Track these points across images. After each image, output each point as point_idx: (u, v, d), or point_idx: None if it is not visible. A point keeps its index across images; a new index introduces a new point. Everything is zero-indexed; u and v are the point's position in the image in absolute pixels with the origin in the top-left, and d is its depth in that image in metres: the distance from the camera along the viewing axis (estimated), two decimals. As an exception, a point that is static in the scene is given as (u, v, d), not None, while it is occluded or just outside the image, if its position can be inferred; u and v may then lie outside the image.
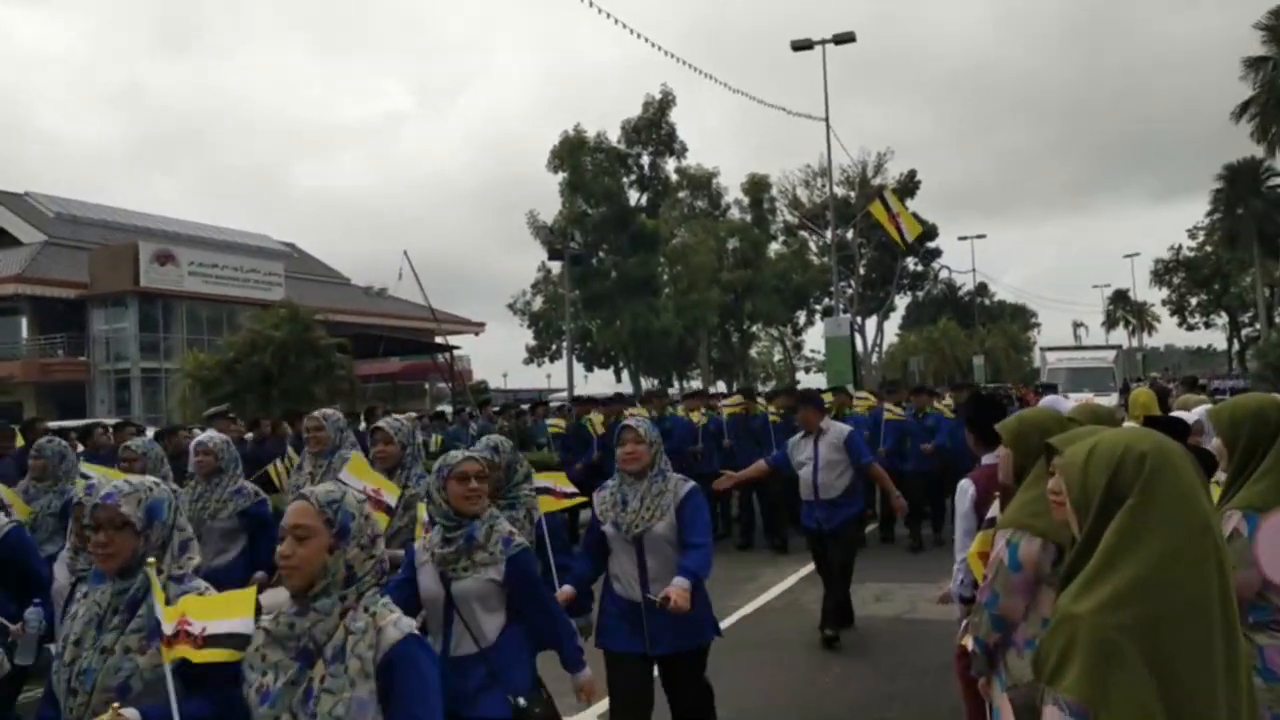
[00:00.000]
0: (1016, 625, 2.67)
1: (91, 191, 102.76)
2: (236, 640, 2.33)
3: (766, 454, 10.94)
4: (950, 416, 11.30)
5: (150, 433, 12.83)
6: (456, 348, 39.80)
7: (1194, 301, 61.77)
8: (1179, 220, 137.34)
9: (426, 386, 44.04)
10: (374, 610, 2.19)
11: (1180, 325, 63.41)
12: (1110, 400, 19.63)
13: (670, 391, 35.74)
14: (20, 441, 9.24)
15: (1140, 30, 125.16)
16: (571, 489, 4.60)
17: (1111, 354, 29.77)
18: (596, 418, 12.26)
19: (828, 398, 11.12)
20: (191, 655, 2.30)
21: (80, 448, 9.77)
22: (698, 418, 11.75)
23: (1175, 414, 4.39)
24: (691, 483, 4.13)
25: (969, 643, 2.90)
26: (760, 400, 12.81)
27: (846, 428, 7.18)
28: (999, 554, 2.71)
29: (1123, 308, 73.08)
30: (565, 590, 3.96)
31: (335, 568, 2.19)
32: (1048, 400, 10.23)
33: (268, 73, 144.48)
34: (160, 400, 34.60)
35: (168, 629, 2.30)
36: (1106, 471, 1.65)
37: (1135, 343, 71.62)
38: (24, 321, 37.90)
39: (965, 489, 3.77)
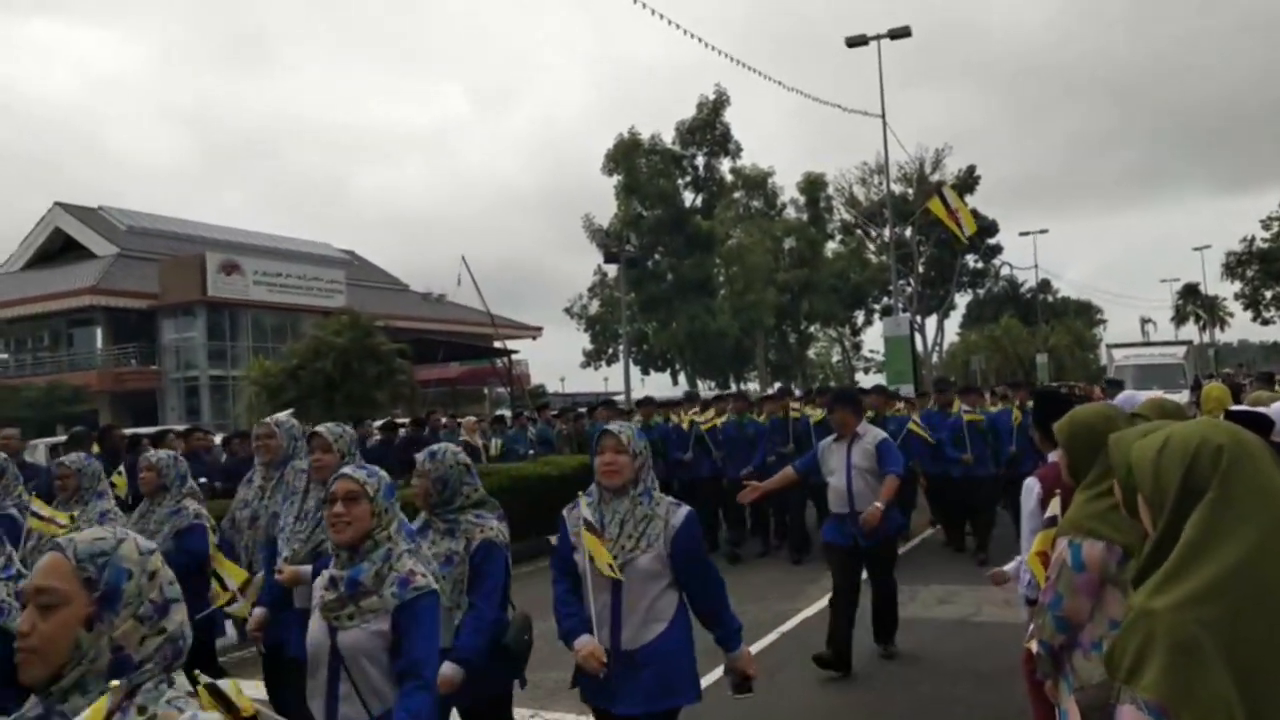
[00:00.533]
0: (1082, 626, 2.62)
1: (161, 204, 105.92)
2: None
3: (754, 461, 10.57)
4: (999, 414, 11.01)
5: (219, 438, 13.19)
6: (515, 352, 40.12)
7: (1269, 295, 59.71)
8: (1252, 210, 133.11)
9: (485, 391, 44.49)
10: (153, 713, 1.53)
11: (1255, 320, 61.37)
12: (1181, 398, 19.09)
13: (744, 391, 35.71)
14: (96, 449, 9.54)
15: (1209, 7, 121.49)
16: None
17: (1181, 350, 28.89)
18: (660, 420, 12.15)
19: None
20: None
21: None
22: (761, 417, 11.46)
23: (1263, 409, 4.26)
24: (685, 508, 3.36)
25: (1034, 645, 2.85)
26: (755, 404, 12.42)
27: (880, 433, 6.58)
28: (1061, 554, 2.66)
29: (1193, 302, 71.07)
30: (445, 671, 3.16)
31: (92, 649, 1.54)
32: (1122, 397, 9.99)
33: (329, 84, 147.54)
34: (228, 407, 35.46)
35: None
36: (1181, 464, 1.60)
37: (1206, 338, 69.59)
38: (99, 332, 39.11)
39: (1031, 487, 3.71)
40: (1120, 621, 2.58)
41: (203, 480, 9.88)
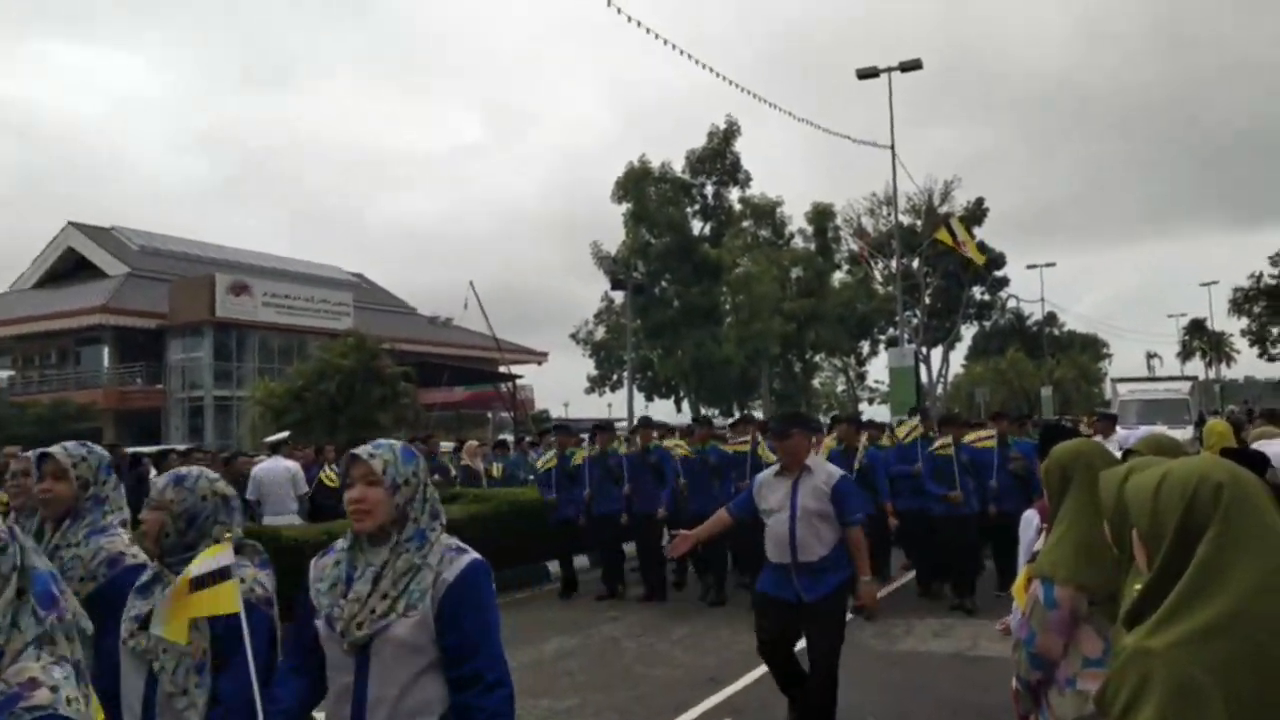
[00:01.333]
0: (1056, 664, 2.62)
1: (174, 226, 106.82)
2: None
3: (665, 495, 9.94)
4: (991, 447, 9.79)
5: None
6: (519, 377, 40.22)
7: (1276, 331, 59.67)
8: (1260, 246, 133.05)
9: (489, 415, 44.52)
10: None
11: (1261, 356, 61.29)
12: (1186, 433, 19.00)
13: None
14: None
15: (1217, 47, 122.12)
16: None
17: (1186, 385, 28.76)
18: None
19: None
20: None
21: (154, 471, 10.12)
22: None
23: (1254, 446, 4.25)
24: (469, 556, 2.43)
25: (1014, 682, 2.85)
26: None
27: (838, 471, 5.45)
28: (1034, 592, 2.67)
29: (1199, 338, 70.96)
30: None
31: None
32: (1121, 434, 9.89)
33: (344, 107, 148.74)
34: (232, 427, 35.54)
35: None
36: (1181, 502, 1.57)
37: (1212, 374, 69.43)
38: (106, 350, 39.31)
39: (1030, 519, 3.71)
40: (1094, 659, 2.58)
41: (202, 500, 9.94)
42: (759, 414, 43.27)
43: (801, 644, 5.34)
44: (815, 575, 5.16)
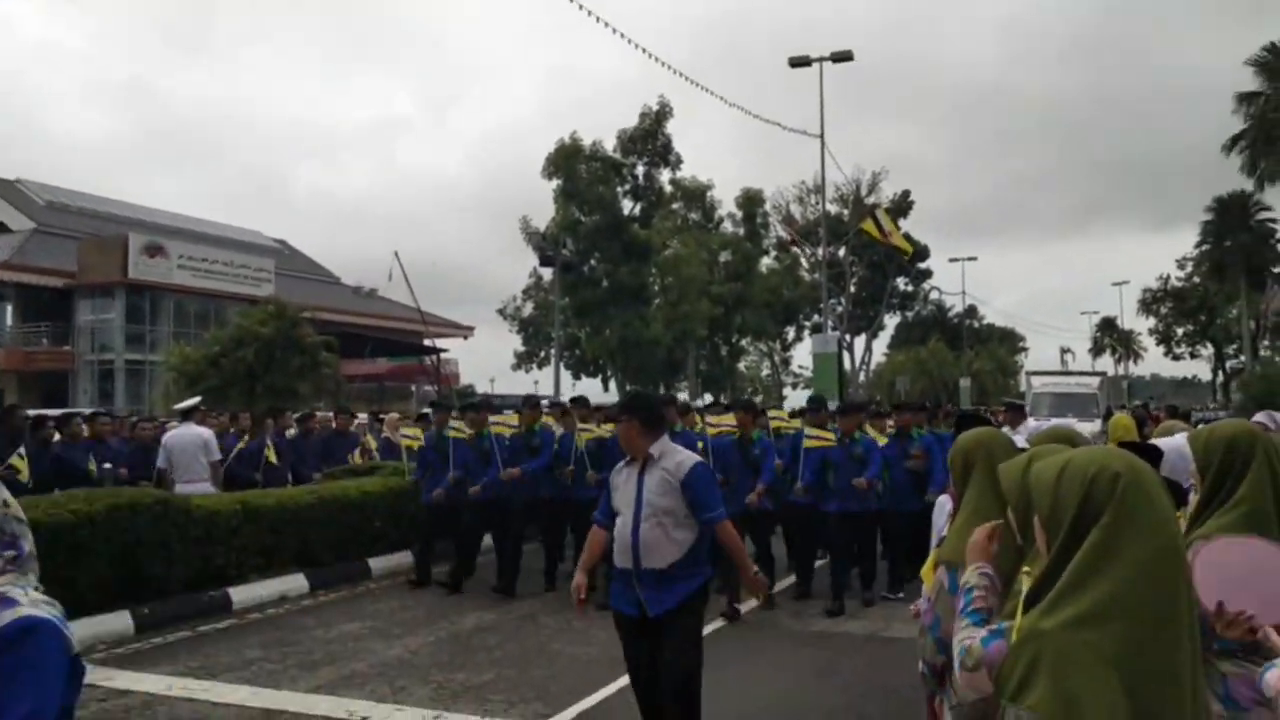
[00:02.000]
0: None
1: (85, 181, 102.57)
2: None
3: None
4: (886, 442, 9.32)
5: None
6: (444, 350, 39.78)
7: (1180, 332, 62.21)
8: (1171, 250, 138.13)
9: (413, 389, 43.95)
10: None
11: (1166, 355, 63.96)
12: (1093, 426, 19.68)
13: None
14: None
15: (1141, 59, 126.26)
16: None
17: (1096, 380, 29.83)
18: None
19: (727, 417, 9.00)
20: None
21: (57, 436, 9.73)
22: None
23: (1154, 440, 4.40)
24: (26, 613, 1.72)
25: (920, 664, 2.91)
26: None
27: (692, 458, 4.49)
28: (940, 578, 2.72)
29: (1110, 335, 73.49)
30: None
31: None
32: (1026, 427, 10.15)
33: (271, 74, 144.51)
34: (144, 392, 34.45)
35: None
36: (1080, 489, 1.64)
37: (1121, 370, 72.03)
38: (9, 309, 37.71)
39: (943, 505, 3.77)
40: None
41: (107, 466, 9.58)
42: (683, 395, 43.56)
43: None
44: (661, 585, 4.29)
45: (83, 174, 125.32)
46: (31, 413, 11.05)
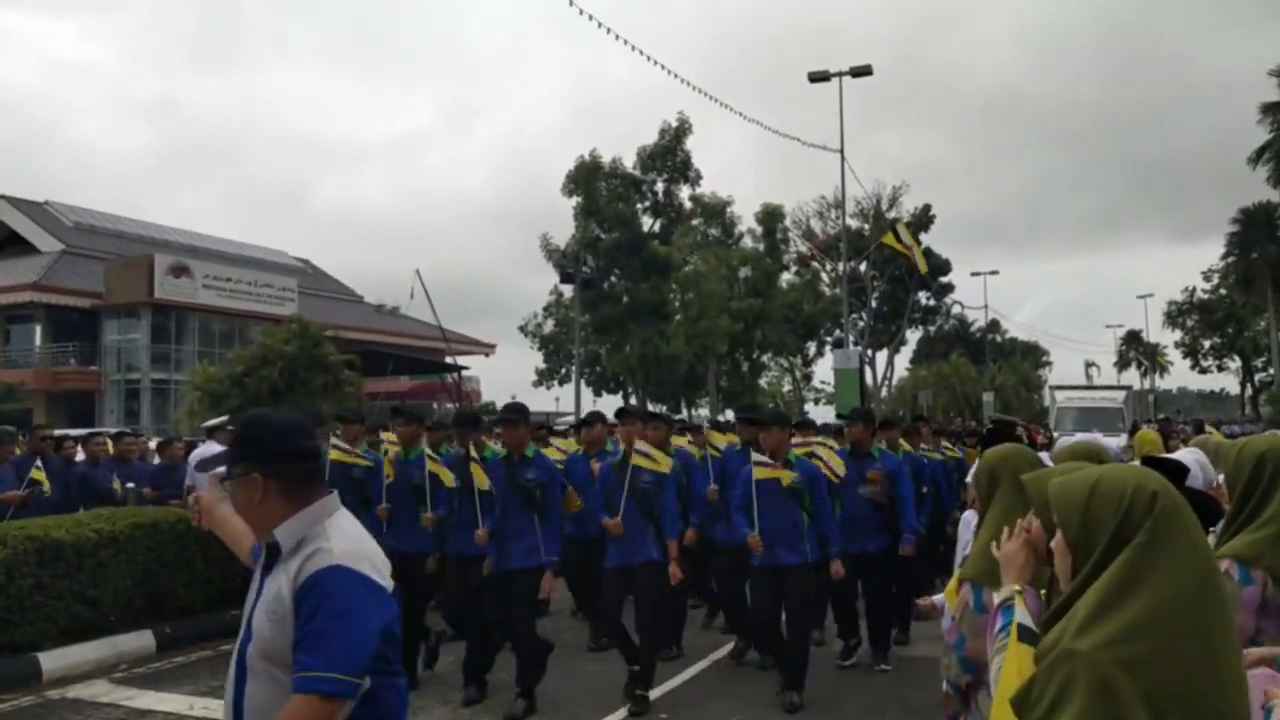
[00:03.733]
0: (986, 667, 2.63)
1: (116, 203, 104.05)
2: None
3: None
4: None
5: (154, 443, 12.90)
6: (465, 368, 39.88)
7: (1207, 344, 61.48)
8: (1197, 260, 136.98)
9: (435, 406, 44.09)
10: None
11: (1193, 368, 63.15)
12: (1119, 440, 19.47)
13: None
14: (20, 449, 9.27)
15: (1167, 67, 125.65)
16: None
17: (1121, 394, 29.52)
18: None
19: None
20: None
21: (80, 455, 9.81)
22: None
23: (1179, 454, 4.34)
24: None
25: (944, 684, 2.86)
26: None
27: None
28: (965, 597, 2.68)
29: (1135, 349, 72.80)
30: None
31: None
32: (1060, 442, 9.97)
33: (296, 90, 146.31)
34: (169, 411, 34.73)
35: None
36: (1118, 509, 1.60)
37: (1147, 384, 71.27)
38: (38, 329, 38.16)
39: (969, 520, 3.73)
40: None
41: (130, 485, 9.65)
42: (705, 411, 43.48)
43: None
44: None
45: (110, 191, 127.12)
46: (56, 433, 11.17)
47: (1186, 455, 3.61)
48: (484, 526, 6.10)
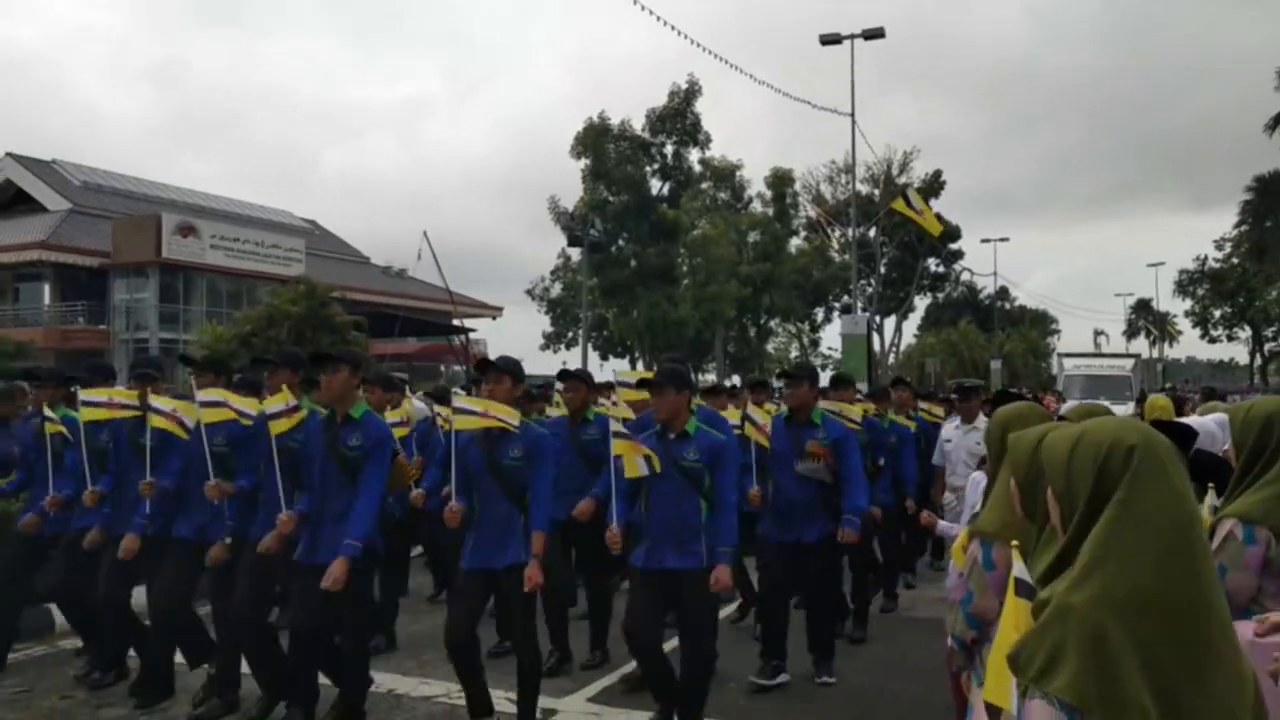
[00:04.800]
0: (992, 623, 2.65)
1: (120, 163, 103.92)
2: None
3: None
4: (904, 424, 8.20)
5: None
6: (473, 330, 39.92)
7: (1217, 314, 61.15)
8: (1208, 230, 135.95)
9: (442, 368, 44.18)
10: None
11: (1202, 337, 62.83)
12: (1127, 409, 19.45)
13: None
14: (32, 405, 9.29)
15: (1179, 35, 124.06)
16: None
17: (1129, 362, 29.44)
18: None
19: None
20: None
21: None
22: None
23: (1191, 419, 4.33)
24: None
25: (949, 640, 2.89)
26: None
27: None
28: (973, 553, 2.69)
29: (1145, 317, 72.49)
30: None
31: None
32: (1066, 406, 9.91)
33: (302, 54, 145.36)
34: (177, 372, 34.88)
35: None
36: (1094, 463, 1.62)
37: (1156, 353, 71.03)
38: (46, 288, 38.24)
39: (978, 481, 3.76)
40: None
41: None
42: (712, 376, 43.48)
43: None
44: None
45: (117, 154, 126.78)
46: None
47: (1211, 419, 3.60)
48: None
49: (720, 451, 4.78)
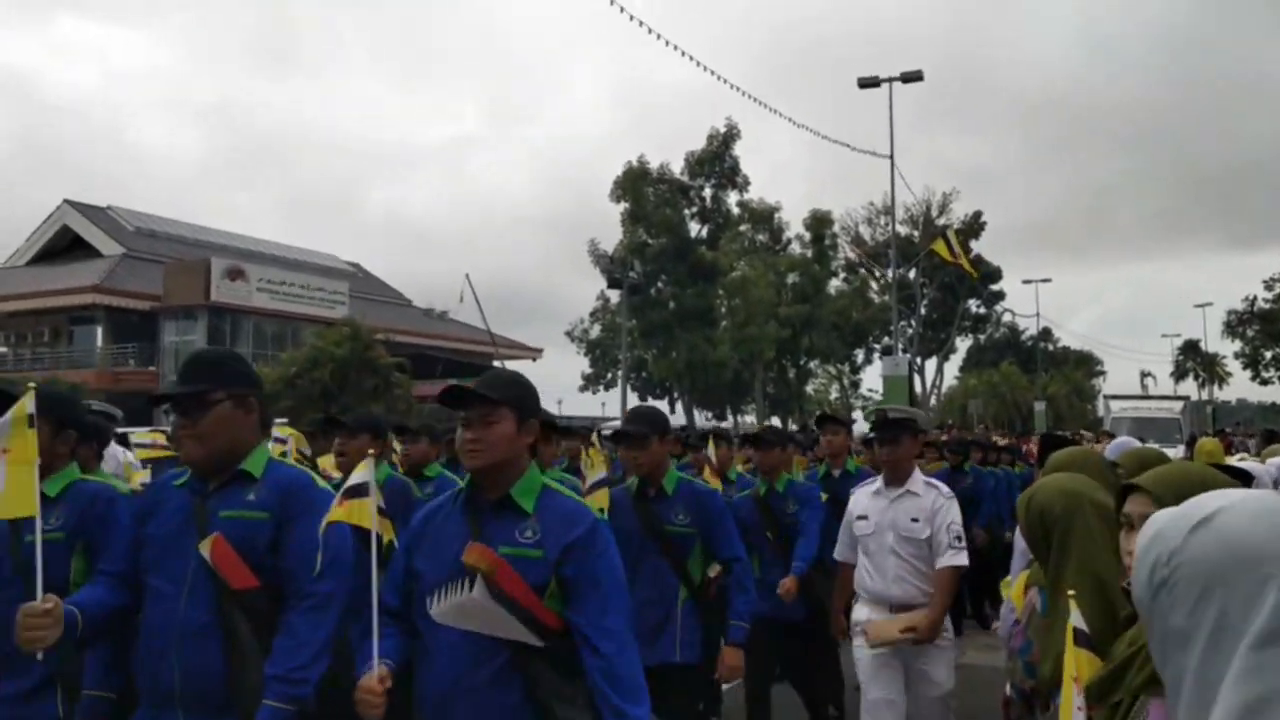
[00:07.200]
0: None
1: (170, 204, 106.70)
2: None
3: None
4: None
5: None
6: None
7: (1269, 355, 59.90)
8: (1256, 269, 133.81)
9: (482, 409, 44.44)
10: None
11: (1254, 379, 61.49)
12: (1177, 452, 19.06)
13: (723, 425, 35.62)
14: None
15: (1229, 70, 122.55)
16: None
17: (1179, 404, 28.92)
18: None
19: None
20: None
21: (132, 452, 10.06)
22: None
23: (1238, 463, 4.26)
24: None
25: (1008, 689, 2.85)
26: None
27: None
28: (1031, 601, 2.67)
29: (1193, 359, 71.21)
30: None
31: None
32: (1115, 444, 9.79)
33: (346, 93, 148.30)
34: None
35: None
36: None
37: (1205, 395, 69.67)
38: (99, 330, 39.17)
39: None
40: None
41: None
42: (751, 419, 43.33)
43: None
44: None
45: (165, 194, 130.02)
46: (119, 431, 11.44)
47: (1272, 464, 3.56)
48: None
49: (706, 503, 3.90)
